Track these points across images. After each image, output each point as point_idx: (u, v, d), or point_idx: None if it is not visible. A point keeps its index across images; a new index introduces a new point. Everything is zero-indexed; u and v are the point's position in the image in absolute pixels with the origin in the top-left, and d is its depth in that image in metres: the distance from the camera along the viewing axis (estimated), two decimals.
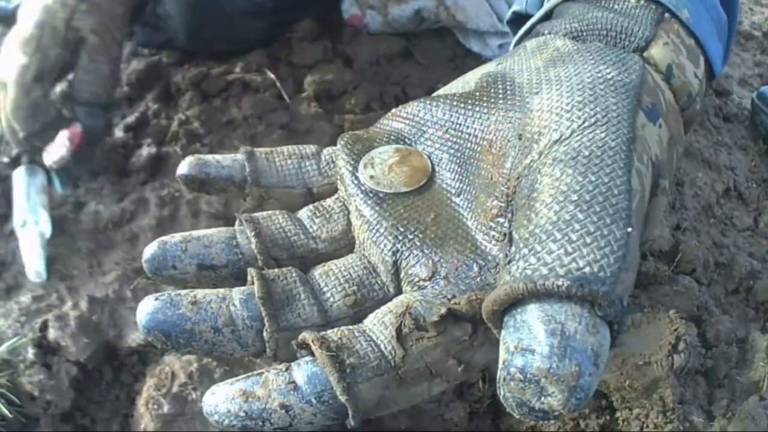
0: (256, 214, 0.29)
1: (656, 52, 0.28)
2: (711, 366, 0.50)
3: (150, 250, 0.27)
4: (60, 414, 0.45)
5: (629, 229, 0.20)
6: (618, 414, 0.48)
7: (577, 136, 0.23)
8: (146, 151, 0.54)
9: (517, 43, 0.34)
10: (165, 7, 0.55)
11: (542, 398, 0.18)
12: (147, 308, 0.24)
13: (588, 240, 0.20)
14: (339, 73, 0.56)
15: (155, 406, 0.44)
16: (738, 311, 0.56)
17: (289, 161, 0.31)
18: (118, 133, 0.56)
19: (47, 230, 0.49)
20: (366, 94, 0.55)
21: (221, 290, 0.25)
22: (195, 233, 0.28)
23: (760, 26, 0.79)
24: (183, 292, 0.25)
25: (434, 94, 0.33)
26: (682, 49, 0.29)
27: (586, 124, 0.24)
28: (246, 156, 0.31)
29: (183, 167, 0.31)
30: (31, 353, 0.45)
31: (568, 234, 0.20)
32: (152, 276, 0.27)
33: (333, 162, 0.31)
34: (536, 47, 0.30)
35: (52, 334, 0.45)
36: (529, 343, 0.19)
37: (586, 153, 0.22)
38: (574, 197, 0.21)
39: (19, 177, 0.51)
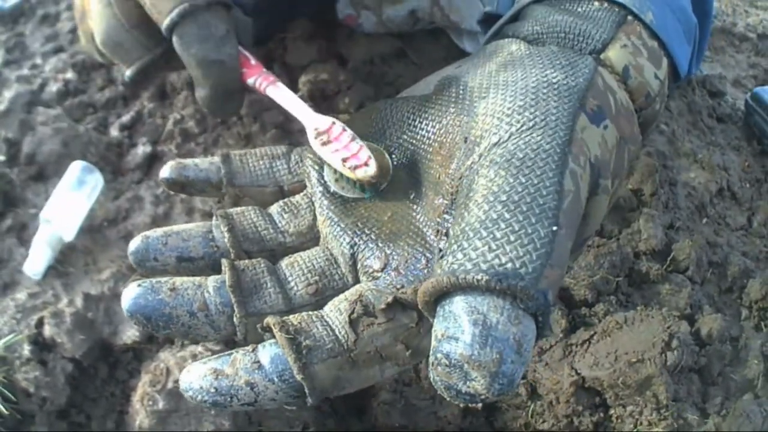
0: (231, 210, 0.31)
1: (613, 54, 0.29)
2: (705, 364, 0.51)
3: (134, 243, 0.30)
4: (55, 411, 0.45)
5: (554, 228, 0.21)
6: (612, 411, 0.48)
7: (515, 139, 0.24)
8: (141, 149, 0.54)
9: (487, 42, 0.35)
10: None
11: (467, 383, 0.20)
12: (130, 294, 0.26)
13: (512, 238, 0.21)
14: (333, 72, 0.57)
15: (150, 403, 0.44)
16: (731, 310, 0.56)
17: (261, 162, 0.34)
18: (114, 132, 0.56)
19: (68, 236, 0.49)
20: (360, 93, 0.55)
21: (197, 278, 0.27)
22: (175, 228, 0.30)
23: (755, 28, 0.79)
24: (163, 279, 0.27)
25: (398, 96, 0.35)
26: (642, 51, 0.30)
27: (524, 127, 0.25)
28: (221, 159, 0.34)
29: (164, 171, 0.34)
30: (26, 350, 0.45)
31: (493, 232, 0.21)
32: (137, 267, 0.29)
33: (301, 161, 0.33)
34: (493, 50, 0.31)
35: (47, 330, 0.46)
36: (454, 331, 0.20)
37: (520, 155, 0.24)
38: (503, 197, 0.22)
39: (72, 172, 0.50)
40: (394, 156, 0.32)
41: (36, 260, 0.48)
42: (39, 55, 0.61)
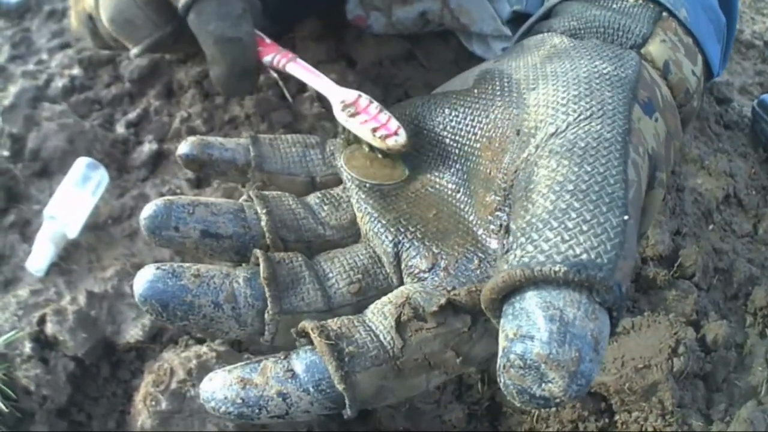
0: (267, 192, 0.28)
1: (653, 48, 0.28)
2: (710, 370, 0.50)
3: (153, 206, 0.26)
4: (56, 409, 0.44)
5: (626, 217, 0.20)
6: (617, 417, 0.48)
7: (573, 128, 0.23)
8: (147, 147, 0.54)
9: (517, 41, 0.34)
10: None
11: (543, 385, 0.18)
12: (147, 276, 0.23)
13: (585, 227, 0.20)
14: (342, 73, 0.56)
15: (153, 403, 0.43)
16: (737, 316, 0.56)
17: (293, 149, 0.31)
18: (120, 129, 0.56)
19: (72, 233, 0.48)
20: (368, 94, 0.55)
21: (224, 267, 0.25)
22: (203, 199, 0.27)
23: (762, 35, 0.79)
24: (186, 264, 0.24)
25: (433, 92, 0.33)
26: (679, 47, 0.29)
27: (582, 117, 0.24)
28: (251, 140, 0.31)
29: (184, 147, 0.30)
30: (28, 347, 0.44)
31: (564, 222, 0.20)
32: (149, 235, 0.26)
33: (334, 153, 0.31)
34: (533, 45, 0.30)
35: (49, 328, 0.45)
36: (528, 329, 0.19)
37: (582, 144, 0.23)
38: (570, 187, 0.21)
39: (77, 169, 0.49)
40: (435, 150, 0.30)
41: (39, 257, 0.47)
42: (45, 50, 0.61)
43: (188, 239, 0.26)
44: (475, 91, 0.29)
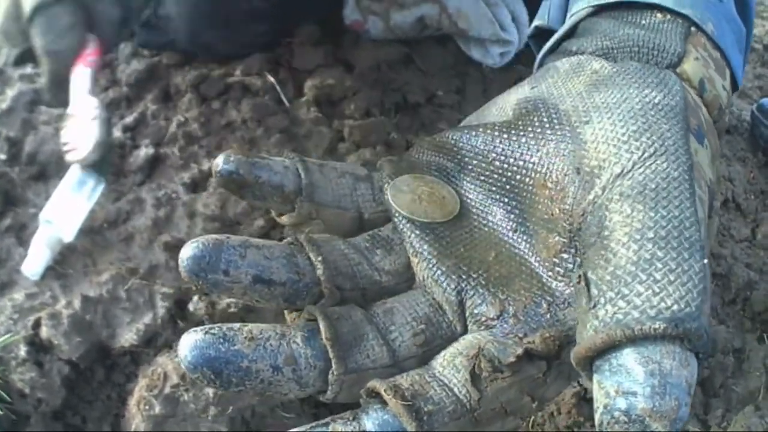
0: (315, 236, 0.26)
1: (689, 67, 0.28)
2: (707, 375, 0.50)
3: (199, 246, 0.23)
4: (51, 412, 0.44)
5: (705, 261, 0.21)
6: None
7: (639, 168, 0.23)
8: (144, 151, 0.54)
9: (542, 59, 0.33)
10: (167, 8, 0.55)
11: None
12: (194, 342, 0.22)
13: (672, 278, 0.20)
14: (339, 78, 0.56)
15: (147, 407, 0.44)
16: (734, 321, 0.56)
17: (343, 180, 0.28)
18: (116, 133, 0.56)
19: (68, 237, 0.47)
20: (366, 99, 0.55)
21: (277, 326, 0.23)
22: (254, 241, 0.25)
23: (761, 39, 0.79)
24: (236, 326, 0.22)
25: (469, 123, 0.32)
26: (710, 63, 0.29)
27: (646, 155, 0.24)
28: (300, 165, 0.27)
29: (227, 163, 0.26)
30: (23, 351, 0.45)
31: (652, 273, 0.20)
32: (191, 277, 0.23)
33: (382, 188, 0.29)
34: (571, 69, 0.29)
35: (44, 332, 0.45)
36: (629, 386, 0.19)
37: (653, 186, 0.23)
38: (650, 234, 0.21)
39: (72, 174, 0.48)
40: (481, 190, 0.28)
41: (34, 261, 0.47)
42: None
43: (237, 284, 0.24)
44: (519, 123, 0.28)
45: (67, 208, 0.48)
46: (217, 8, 0.54)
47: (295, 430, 0.21)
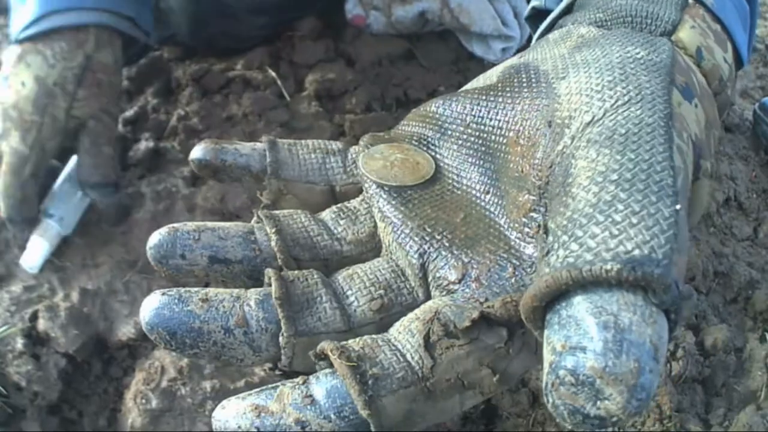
0: (277, 212, 0.27)
1: (684, 35, 0.27)
2: (708, 374, 0.50)
3: (158, 236, 0.25)
4: (47, 406, 0.44)
5: (678, 207, 0.18)
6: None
7: (611, 115, 0.21)
8: (144, 145, 0.54)
9: (539, 38, 0.33)
10: (168, 2, 0.55)
11: (598, 402, 0.16)
12: (153, 303, 0.22)
13: (634, 220, 0.18)
14: (340, 72, 0.56)
15: (143, 401, 0.43)
16: (736, 320, 0.55)
17: (313, 155, 0.29)
18: (117, 126, 0.55)
19: (66, 230, 0.49)
20: (367, 94, 0.55)
21: (235, 290, 0.23)
22: (210, 224, 0.25)
23: (763, 39, 0.79)
24: (193, 289, 0.23)
25: (457, 91, 0.31)
26: (709, 33, 0.28)
27: (620, 102, 0.22)
28: (268, 145, 0.29)
29: (197, 151, 0.29)
30: (20, 343, 0.44)
31: (611, 215, 0.18)
32: (156, 265, 0.25)
33: (356, 160, 0.29)
34: (559, 37, 0.29)
35: (41, 324, 0.45)
36: (578, 340, 0.16)
37: (622, 131, 0.21)
38: (614, 177, 0.19)
39: (70, 167, 0.49)
40: (459, 154, 0.28)
41: (33, 253, 0.47)
42: None
43: (196, 266, 0.25)
44: (499, 85, 0.28)
45: (66, 201, 0.48)
46: (218, 1, 0.54)
47: (244, 393, 0.20)
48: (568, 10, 0.32)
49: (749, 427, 0.48)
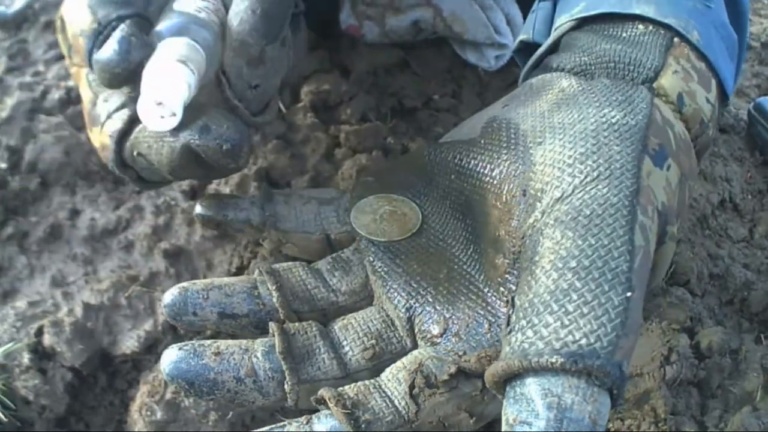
0: (277, 266, 0.30)
1: (666, 81, 0.27)
2: (704, 377, 0.50)
3: (170, 296, 0.28)
4: (55, 418, 0.45)
5: (629, 294, 0.20)
6: (610, 425, 0.48)
7: (579, 192, 0.23)
8: None
9: (526, 75, 0.33)
10: None
11: None
12: (171, 357, 0.26)
13: (585, 310, 0.20)
14: (336, 83, 0.57)
15: (148, 413, 0.44)
16: (732, 322, 0.56)
17: (307, 206, 0.32)
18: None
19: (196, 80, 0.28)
20: (362, 104, 0.55)
21: (243, 341, 0.26)
22: (217, 281, 0.29)
23: (758, 37, 0.79)
24: (206, 342, 0.26)
25: (444, 139, 0.33)
26: (693, 75, 0.28)
27: (588, 178, 0.23)
28: (264, 197, 0.32)
29: (200, 208, 0.32)
30: (26, 358, 0.45)
31: (564, 305, 0.20)
32: (171, 321, 0.28)
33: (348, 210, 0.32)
34: (542, 86, 0.29)
35: (47, 339, 0.46)
36: (527, 416, 0.19)
37: (587, 212, 0.22)
38: (573, 263, 0.21)
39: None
40: (447, 202, 0.30)
41: (174, 96, 0.27)
42: (41, 62, 0.61)
43: (207, 321, 0.28)
44: (482, 141, 0.29)
45: (191, 49, 0.29)
46: None
47: (256, 430, 0.23)
48: (554, 47, 0.32)
49: (745, 428, 0.48)
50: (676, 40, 0.29)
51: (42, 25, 0.65)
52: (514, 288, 0.25)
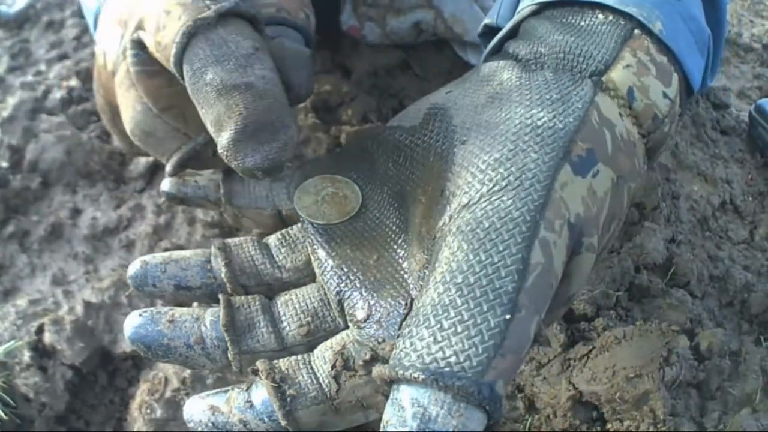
0: (229, 241, 0.32)
1: (616, 75, 0.27)
2: (703, 378, 0.50)
3: (133, 267, 0.30)
4: (55, 416, 0.45)
5: (507, 316, 0.21)
6: (609, 426, 0.48)
7: (484, 202, 0.23)
8: (144, 159, 0.54)
9: (485, 60, 0.33)
10: None
11: None
12: (132, 323, 0.28)
13: (459, 329, 0.20)
14: (337, 84, 0.57)
15: (148, 411, 0.44)
16: (732, 324, 0.56)
17: (261, 183, 0.34)
18: (117, 141, 0.56)
19: None
20: (363, 105, 0.55)
21: (196, 310, 0.28)
22: (174, 255, 0.31)
23: (760, 38, 0.79)
24: (163, 310, 0.28)
25: (390, 122, 0.33)
26: (650, 68, 0.27)
27: (496, 188, 0.23)
28: (222, 177, 0.33)
29: (164, 185, 0.34)
30: (27, 356, 0.45)
31: (441, 321, 0.21)
32: (135, 290, 0.30)
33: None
34: (485, 76, 0.29)
35: (48, 337, 0.46)
36: (396, 421, 0.20)
37: (486, 225, 0.22)
38: (459, 279, 0.21)
39: None
40: (386, 187, 0.31)
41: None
42: (43, 61, 0.61)
43: (165, 292, 0.30)
44: (420, 129, 0.30)
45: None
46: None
47: (202, 394, 0.26)
48: (514, 32, 0.31)
49: (744, 430, 0.48)
50: (636, 31, 0.28)
51: (44, 24, 0.65)
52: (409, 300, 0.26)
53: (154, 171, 0.55)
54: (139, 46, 0.30)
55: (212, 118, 0.27)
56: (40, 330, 0.46)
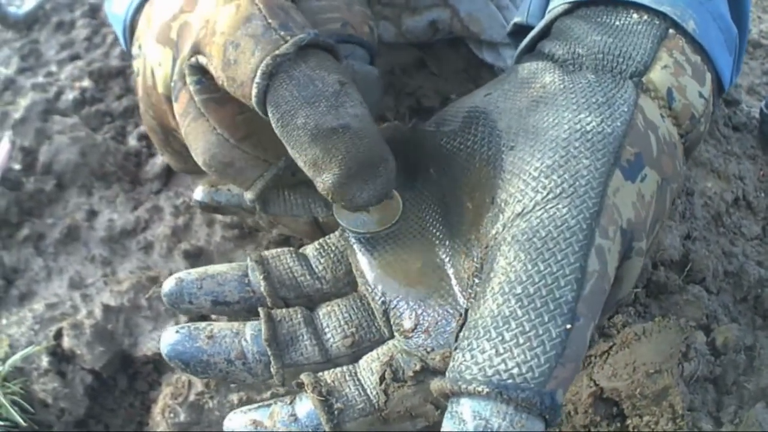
0: (266, 253, 0.31)
1: (655, 76, 0.27)
2: (719, 373, 0.51)
3: (168, 285, 0.29)
4: (74, 421, 0.45)
5: (568, 326, 0.21)
6: (629, 421, 0.48)
7: (539, 210, 0.23)
8: (160, 159, 0.54)
9: (517, 59, 0.33)
10: None
11: None
12: (168, 339, 0.27)
13: (521, 340, 0.21)
14: None
15: (171, 415, 0.44)
16: (746, 319, 0.56)
17: (296, 190, 0.33)
18: (132, 141, 0.56)
19: None
20: (380, 104, 0.55)
21: (235, 324, 0.28)
22: (210, 270, 0.30)
23: None
24: (201, 325, 0.27)
25: (429, 124, 0.32)
26: (686, 68, 0.28)
27: (551, 195, 0.23)
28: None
29: (197, 194, 0.34)
30: (45, 361, 0.45)
31: (503, 333, 0.21)
32: (171, 308, 0.29)
33: None
34: (526, 78, 0.29)
35: (66, 342, 0.46)
36: None
37: (542, 234, 0.22)
38: (519, 290, 0.21)
39: None
40: (427, 193, 0.30)
41: None
42: (54, 62, 0.60)
43: (202, 308, 0.29)
44: (461, 133, 0.29)
45: None
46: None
47: (243, 408, 0.26)
48: (546, 32, 0.31)
49: (759, 423, 0.49)
50: (671, 31, 0.28)
51: (53, 25, 0.64)
52: (463, 311, 0.26)
53: (171, 172, 0.54)
54: (200, 71, 0.28)
55: (308, 160, 0.26)
56: (58, 334, 0.46)
